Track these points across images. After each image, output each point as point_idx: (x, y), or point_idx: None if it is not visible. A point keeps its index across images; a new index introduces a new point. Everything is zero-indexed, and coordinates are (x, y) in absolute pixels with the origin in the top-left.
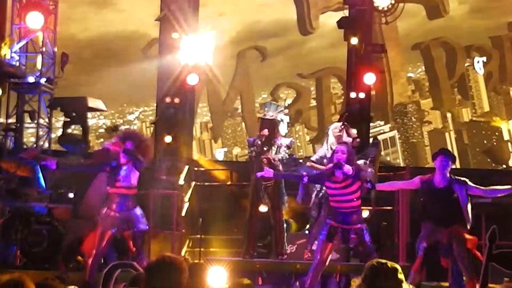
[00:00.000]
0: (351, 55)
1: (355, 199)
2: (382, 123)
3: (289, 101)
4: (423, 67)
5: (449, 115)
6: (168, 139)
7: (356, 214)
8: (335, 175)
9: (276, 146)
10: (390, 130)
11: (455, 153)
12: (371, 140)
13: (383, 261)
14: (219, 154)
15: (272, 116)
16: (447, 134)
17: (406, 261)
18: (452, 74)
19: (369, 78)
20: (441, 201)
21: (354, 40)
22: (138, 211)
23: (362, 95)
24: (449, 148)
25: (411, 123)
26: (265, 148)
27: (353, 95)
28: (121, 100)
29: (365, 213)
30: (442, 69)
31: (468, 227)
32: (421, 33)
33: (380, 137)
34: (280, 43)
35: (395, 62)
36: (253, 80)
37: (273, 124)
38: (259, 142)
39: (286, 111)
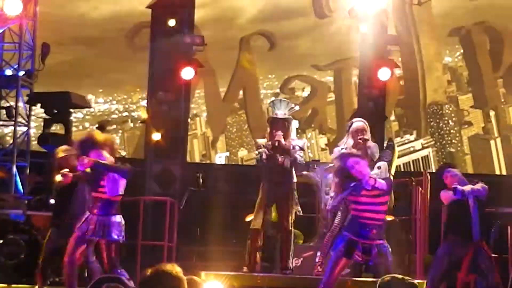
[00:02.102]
0: (364, 47)
1: (382, 211)
2: (412, 137)
3: (306, 93)
4: (462, 50)
5: (492, 113)
6: (156, 136)
7: (378, 228)
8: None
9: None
10: (423, 148)
11: (502, 163)
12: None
13: (399, 276)
14: (219, 159)
15: (284, 114)
16: (492, 142)
17: (424, 276)
18: (498, 66)
19: (384, 74)
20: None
21: (364, 28)
22: (118, 219)
23: (376, 92)
24: (495, 157)
25: (448, 128)
26: (278, 153)
27: (365, 91)
28: (133, 83)
29: (389, 217)
30: (486, 60)
31: None
32: (460, 15)
33: (409, 157)
34: (302, 25)
35: (428, 51)
36: (263, 69)
37: (286, 124)
38: (271, 145)
39: (297, 107)
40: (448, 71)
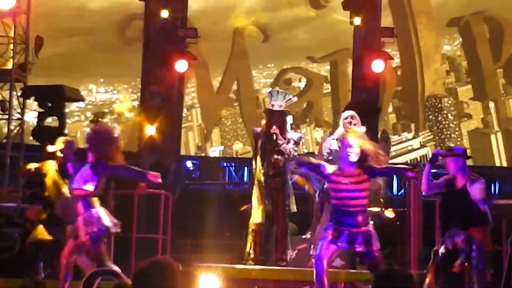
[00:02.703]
0: (358, 40)
1: (364, 197)
2: (410, 135)
3: (303, 83)
4: (461, 40)
5: (491, 104)
6: (151, 131)
7: (363, 214)
8: (345, 168)
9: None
10: (422, 146)
11: (503, 158)
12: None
13: (396, 268)
14: (213, 153)
15: (281, 106)
16: (493, 137)
17: (419, 268)
18: (498, 57)
19: (377, 66)
20: (459, 202)
21: (357, 20)
22: (92, 213)
23: (369, 84)
24: (496, 151)
25: (447, 122)
26: (274, 146)
27: (359, 83)
28: (136, 73)
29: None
30: (485, 51)
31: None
32: (459, 5)
33: (407, 157)
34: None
35: (427, 43)
36: (258, 61)
37: (282, 116)
38: (267, 138)
39: (295, 99)
40: (446, 61)
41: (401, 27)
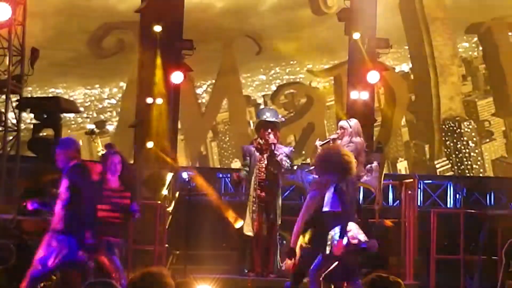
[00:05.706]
0: (353, 50)
1: None
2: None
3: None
4: (482, 49)
5: None
6: (149, 144)
7: None
8: None
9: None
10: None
11: None
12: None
13: (385, 275)
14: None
15: (273, 118)
16: None
17: (414, 279)
18: None
19: (373, 77)
20: None
21: (356, 35)
22: None
23: (365, 95)
24: None
25: (467, 150)
26: (276, 153)
27: (355, 95)
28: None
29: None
30: (509, 61)
31: None
32: (479, 10)
33: None
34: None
35: (443, 53)
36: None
37: (274, 127)
38: (260, 145)
39: (283, 119)
40: (462, 63)
41: (412, 35)
